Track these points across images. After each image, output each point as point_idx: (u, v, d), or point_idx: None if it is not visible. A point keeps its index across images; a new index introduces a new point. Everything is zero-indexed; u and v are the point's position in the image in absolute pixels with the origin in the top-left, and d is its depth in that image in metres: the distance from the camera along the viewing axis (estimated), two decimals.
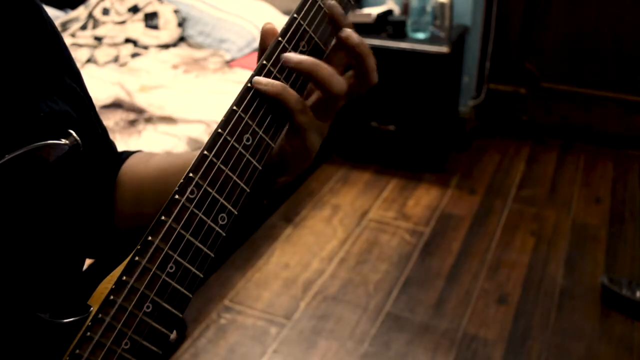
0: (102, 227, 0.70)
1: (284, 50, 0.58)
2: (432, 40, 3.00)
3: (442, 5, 2.99)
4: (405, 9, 3.13)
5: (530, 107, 3.58)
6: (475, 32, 3.38)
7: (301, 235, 2.70)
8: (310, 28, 0.60)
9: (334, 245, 2.65)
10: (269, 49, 0.58)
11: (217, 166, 0.56)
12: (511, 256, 2.58)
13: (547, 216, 2.85)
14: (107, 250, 0.72)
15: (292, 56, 0.57)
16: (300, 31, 0.59)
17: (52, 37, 0.64)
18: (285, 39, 0.58)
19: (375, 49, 2.75)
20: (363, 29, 3.03)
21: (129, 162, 0.73)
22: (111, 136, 2.36)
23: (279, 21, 3.34)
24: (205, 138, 2.25)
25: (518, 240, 2.68)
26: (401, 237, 2.71)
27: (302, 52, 0.59)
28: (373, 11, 3.09)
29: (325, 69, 0.58)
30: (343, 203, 2.94)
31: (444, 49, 2.92)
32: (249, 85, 0.57)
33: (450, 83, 3.18)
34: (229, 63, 2.92)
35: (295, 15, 0.59)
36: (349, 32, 0.59)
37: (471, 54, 3.42)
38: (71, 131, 0.57)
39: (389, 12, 3.15)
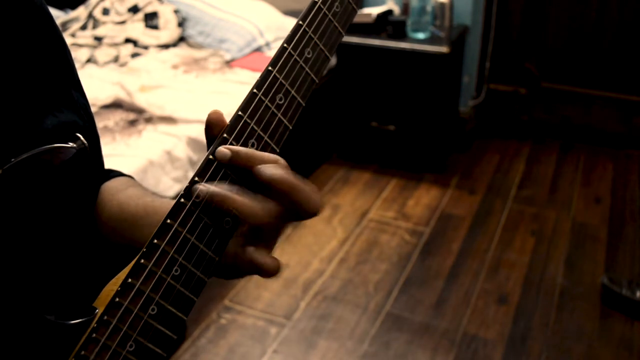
0: (88, 232, 0.70)
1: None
2: (432, 40, 3.00)
3: (442, 5, 2.99)
4: (405, 9, 3.14)
5: (530, 107, 3.58)
6: (475, 32, 3.38)
7: (301, 235, 2.70)
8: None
9: (334, 245, 2.65)
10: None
11: (222, 170, 0.56)
12: (511, 256, 2.58)
13: (547, 216, 2.85)
14: (95, 257, 0.72)
15: (203, 189, 0.54)
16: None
17: (60, 46, 0.64)
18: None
19: (375, 49, 2.73)
20: (363, 29, 3.03)
21: (112, 184, 0.73)
22: (111, 136, 2.35)
23: (279, 21, 3.35)
24: (205, 138, 2.24)
25: (518, 240, 2.69)
26: (401, 237, 2.71)
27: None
28: (373, 11, 3.09)
29: (233, 201, 0.53)
30: (343, 203, 2.94)
31: (444, 49, 2.93)
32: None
33: (450, 83, 3.18)
34: (229, 63, 2.92)
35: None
36: (261, 169, 0.54)
37: (471, 54, 3.42)
38: (79, 135, 0.57)
39: (389, 12, 3.15)
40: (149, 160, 2.09)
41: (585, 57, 3.38)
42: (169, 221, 0.54)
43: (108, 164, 0.75)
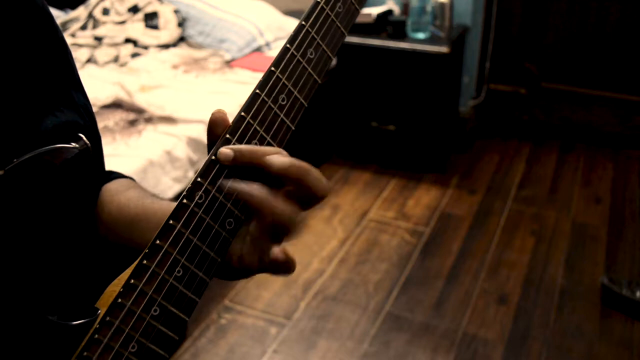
0: (87, 233, 0.70)
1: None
2: (432, 40, 3.00)
3: (442, 5, 2.99)
4: (405, 9, 3.13)
5: (530, 107, 3.58)
6: (475, 32, 3.38)
7: (301, 235, 2.70)
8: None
9: (334, 245, 2.65)
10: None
11: (225, 171, 0.56)
12: (511, 256, 2.58)
13: (547, 216, 2.85)
14: (97, 257, 0.72)
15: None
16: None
17: (61, 46, 0.64)
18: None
19: (375, 49, 2.74)
20: (363, 29, 3.03)
21: (113, 185, 0.73)
22: (111, 136, 2.34)
23: (279, 21, 3.34)
24: (205, 138, 2.24)
25: (518, 240, 2.69)
26: (401, 237, 2.71)
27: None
28: (373, 11, 3.09)
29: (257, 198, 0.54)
30: (343, 203, 2.94)
31: (444, 49, 2.93)
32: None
33: (450, 83, 3.18)
34: (229, 63, 2.92)
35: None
36: (271, 160, 0.54)
37: (471, 54, 3.42)
38: (81, 135, 0.57)
39: (389, 12, 3.15)
40: (149, 160, 2.09)
41: (585, 57, 3.38)
42: (171, 222, 0.54)
43: (108, 164, 0.75)
